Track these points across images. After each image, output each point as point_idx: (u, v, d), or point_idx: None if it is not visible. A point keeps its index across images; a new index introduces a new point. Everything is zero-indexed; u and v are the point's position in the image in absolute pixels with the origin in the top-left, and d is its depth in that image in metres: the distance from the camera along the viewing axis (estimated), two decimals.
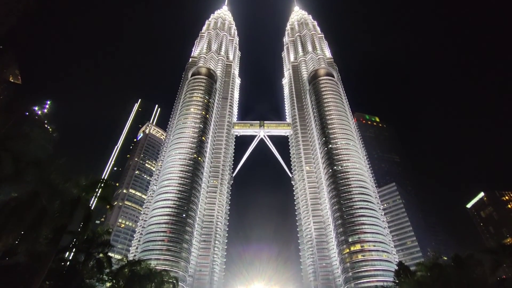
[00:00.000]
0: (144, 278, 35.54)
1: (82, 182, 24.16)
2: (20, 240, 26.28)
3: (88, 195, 24.26)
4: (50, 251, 21.32)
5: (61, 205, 22.54)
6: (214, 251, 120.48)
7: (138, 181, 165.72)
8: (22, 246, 26.42)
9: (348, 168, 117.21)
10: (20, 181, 22.05)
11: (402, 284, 42.36)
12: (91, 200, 25.79)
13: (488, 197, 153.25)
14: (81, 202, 23.25)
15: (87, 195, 24.19)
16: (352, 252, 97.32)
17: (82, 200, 23.43)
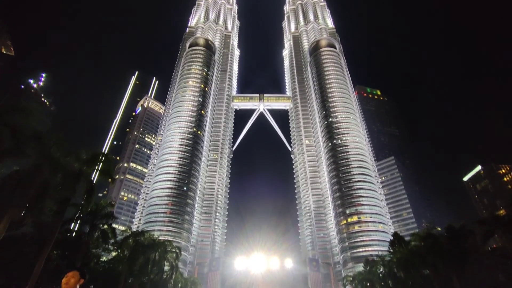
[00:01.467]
0: (148, 248, 36.79)
1: (83, 156, 24.17)
2: (25, 212, 26.94)
3: (89, 168, 24.38)
4: (56, 222, 21.83)
5: (63, 178, 22.72)
6: (215, 223, 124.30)
7: (138, 155, 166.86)
8: (28, 218, 27.12)
9: (347, 142, 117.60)
10: (21, 155, 22.07)
11: (396, 253, 44.01)
12: (92, 174, 25.99)
13: (484, 170, 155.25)
14: (83, 175, 23.42)
15: (89, 168, 24.31)
16: (349, 223, 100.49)
17: (84, 173, 23.59)
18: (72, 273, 3.20)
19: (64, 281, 3.14)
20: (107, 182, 26.77)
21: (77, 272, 3.21)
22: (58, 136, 23.27)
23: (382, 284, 45.18)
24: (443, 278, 33.23)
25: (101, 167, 25.45)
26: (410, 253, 38.56)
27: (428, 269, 36.08)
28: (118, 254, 37.51)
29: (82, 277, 3.23)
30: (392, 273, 42.97)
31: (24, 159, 22.99)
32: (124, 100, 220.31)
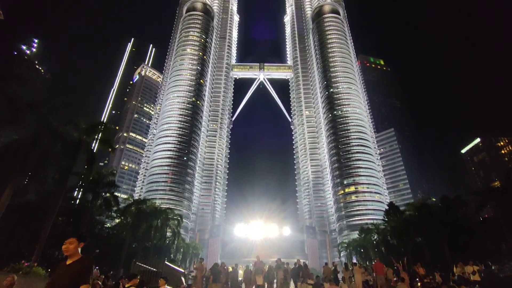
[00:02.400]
0: (150, 215, 37.87)
1: (82, 125, 23.96)
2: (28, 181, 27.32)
3: (89, 138, 24.27)
4: (59, 190, 22.17)
5: (63, 147, 22.70)
6: (215, 192, 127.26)
7: (137, 125, 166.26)
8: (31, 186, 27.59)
9: (348, 113, 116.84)
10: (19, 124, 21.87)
11: (390, 222, 45.51)
12: (92, 143, 25.94)
13: (483, 143, 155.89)
14: (83, 144, 23.38)
15: (88, 138, 24.20)
16: (346, 193, 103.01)
17: (84, 143, 23.53)
18: (70, 239, 3.28)
19: (64, 247, 3.25)
20: (108, 151, 26.81)
21: (74, 238, 3.29)
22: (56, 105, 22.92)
23: (375, 251, 47.27)
24: (434, 245, 34.69)
25: (100, 137, 25.33)
26: (404, 222, 39.84)
27: (420, 237, 37.55)
28: (121, 221, 38.71)
29: (81, 241, 3.31)
30: (386, 241, 44.83)
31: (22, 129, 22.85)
32: (120, 68, 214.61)
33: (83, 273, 3.13)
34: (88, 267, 3.21)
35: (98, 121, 29.35)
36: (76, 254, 3.27)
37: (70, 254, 3.24)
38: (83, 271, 3.14)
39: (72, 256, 3.25)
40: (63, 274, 3.10)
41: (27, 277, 12.75)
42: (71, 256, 3.25)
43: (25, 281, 12.36)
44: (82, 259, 3.26)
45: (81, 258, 3.26)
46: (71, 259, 3.24)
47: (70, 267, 3.15)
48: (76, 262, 3.20)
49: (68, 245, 3.25)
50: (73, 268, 3.13)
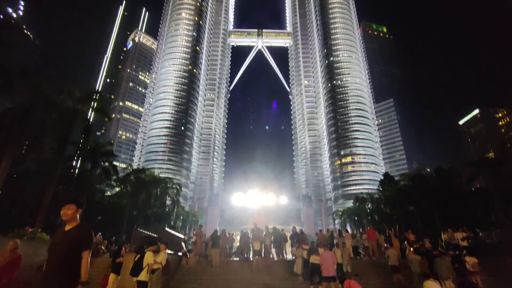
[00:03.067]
0: (150, 184, 38.54)
1: (76, 94, 23.44)
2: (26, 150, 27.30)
3: (84, 107, 23.85)
4: (57, 159, 22.22)
5: (59, 116, 22.40)
6: (213, 162, 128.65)
7: (133, 94, 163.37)
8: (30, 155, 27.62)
9: (347, 83, 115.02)
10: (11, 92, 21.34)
11: (384, 191, 46.81)
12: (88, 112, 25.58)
13: (481, 114, 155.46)
14: (78, 114, 23.05)
15: (84, 107, 23.78)
16: (343, 164, 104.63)
17: (80, 112, 23.17)
18: (68, 205, 3.32)
19: (63, 212, 3.29)
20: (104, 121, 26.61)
21: (72, 204, 3.33)
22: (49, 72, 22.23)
23: (368, 218, 49.10)
24: (426, 214, 35.98)
25: (96, 106, 24.89)
26: (398, 191, 41.00)
27: (413, 206, 38.83)
28: (121, 189, 39.42)
29: (79, 207, 3.37)
30: (379, 209, 46.41)
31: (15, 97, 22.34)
32: (113, 34, 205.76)
33: (84, 239, 3.17)
34: (87, 233, 3.25)
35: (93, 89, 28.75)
36: (74, 220, 3.30)
37: (68, 219, 3.27)
38: (83, 237, 3.18)
39: (70, 222, 3.28)
40: (62, 239, 3.13)
41: (31, 242, 13.12)
42: (69, 222, 3.28)
43: (30, 246, 12.74)
44: (81, 225, 3.29)
45: (80, 224, 3.29)
46: (70, 225, 3.27)
47: (68, 233, 3.18)
48: (75, 228, 3.23)
49: (67, 211, 3.28)
50: (72, 234, 3.16)
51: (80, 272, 3.06)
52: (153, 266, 7.27)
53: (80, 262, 3.07)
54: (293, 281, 13.05)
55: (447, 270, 10.11)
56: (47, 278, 2.96)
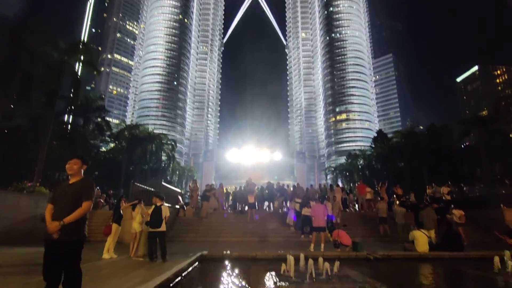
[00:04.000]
0: (144, 140, 38.55)
1: (61, 45, 22.14)
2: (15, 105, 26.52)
3: (71, 59, 22.69)
4: (48, 114, 21.75)
5: (45, 69, 21.47)
6: (208, 118, 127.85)
7: (121, 45, 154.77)
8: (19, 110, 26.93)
9: (346, 36, 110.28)
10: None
11: (377, 148, 47.79)
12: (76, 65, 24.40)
13: (480, 71, 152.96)
14: (65, 66, 22.01)
15: (70, 59, 22.63)
16: (338, 121, 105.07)
17: (66, 64, 22.10)
18: (74, 160, 3.36)
19: (68, 166, 3.33)
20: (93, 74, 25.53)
21: (78, 159, 3.38)
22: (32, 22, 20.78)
23: (360, 174, 50.84)
24: (414, 170, 37.30)
25: (83, 58, 23.70)
26: (390, 148, 41.90)
27: (403, 162, 40.03)
28: (116, 145, 39.48)
29: (84, 163, 3.43)
30: (370, 165, 47.87)
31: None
32: None
33: (85, 190, 3.25)
34: (89, 185, 3.33)
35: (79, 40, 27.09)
36: (78, 174, 3.37)
37: (73, 173, 3.34)
38: (85, 189, 3.26)
39: (74, 176, 3.35)
40: (66, 192, 3.22)
41: (32, 195, 13.42)
42: (73, 176, 3.35)
43: (30, 199, 13.06)
44: (84, 179, 3.38)
45: (83, 178, 3.38)
46: (74, 178, 3.34)
47: (72, 185, 3.28)
48: (79, 181, 3.32)
49: (72, 165, 3.33)
50: (76, 187, 3.26)
51: (85, 222, 3.21)
52: (147, 218, 7.76)
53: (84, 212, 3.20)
54: (285, 230, 13.88)
55: (431, 221, 10.78)
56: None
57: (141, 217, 8.43)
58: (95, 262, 7.27)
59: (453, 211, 12.92)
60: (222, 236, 13.18)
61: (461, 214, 12.50)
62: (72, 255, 3.08)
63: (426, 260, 8.45)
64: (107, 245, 8.13)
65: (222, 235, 13.32)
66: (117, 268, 6.60)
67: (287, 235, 13.48)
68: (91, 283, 4.87)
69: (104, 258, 7.85)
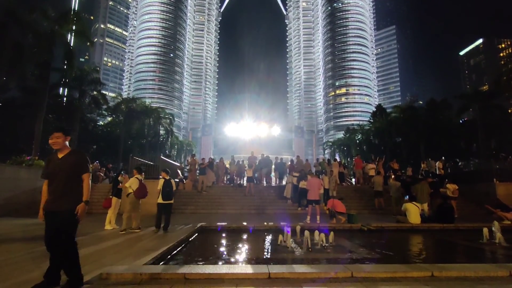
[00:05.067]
0: (142, 114, 38.21)
1: (50, 13, 21.23)
2: (7, 77, 25.88)
3: (62, 29, 21.82)
4: (42, 86, 21.32)
5: (36, 39, 20.74)
6: (206, 91, 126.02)
7: (114, 14, 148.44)
8: (12, 81, 26.33)
9: (349, 6, 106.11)
10: None
11: (375, 123, 47.74)
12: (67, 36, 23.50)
13: (484, 44, 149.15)
14: (57, 36, 21.24)
15: (61, 29, 21.76)
16: (337, 95, 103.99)
17: (58, 34, 21.30)
18: (55, 134, 3.27)
19: (52, 142, 3.26)
20: (86, 45, 24.68)
21: (59, 132, 3.29)
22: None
23: (357, 149, 51.15)
24: (412, 145, 37.57)
25: (75, 28, 22.80)
26: (388, 123, 41.86)
27: (401, 137, 40.20)
28: (113, 119, 39.16)
29: (66, 134, 3.35)
30: (368, 140, 48.07)
31: None
32: None
33: (80, 163, 3.26)
34: (83, 157, 3.32)
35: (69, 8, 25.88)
36: (65, 147, 3.33)
37: (59, 147, 3.30)
38: (80, 161, 3.26)
39: (62, 150, 3.31)
40: (60, 166, 3.20)
41: (31, 168, 13.53)
42: (61, 150, 3.31)
43: (30, 172, 13.20)
44: (74, 151, 3.34)
45: (73, 151, 3.34)
46: (62, 152, 3.30)
47: (64, 160, 3.24)
48: (68, 154, 3.28)
49: (56, 139, 3.26)
50: (69, 160, 3.23)
51: (83, 193, 3.24)
52: (128, 190, 8.03)
53: (81, 185, 3.23)
54: (282, 203, 14.24)
55: (425, 195, 11.04)
56: (57, 199, 3.14)
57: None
58: (99, 233, 7.51)
59: (446, 185, 13.20)
60: (221, 208, 13.52)
61: (454, 188, 12.80)
62: (71, 224, 3.14)
63: (417, 231, 8.75)
64: (108, 217, 8.36)
65: (221, 207, 13.65)
66: (124, 239, 6.81)
67: (285, 207, 13.84)
68: (101, 253, 5.06)
69: (106, 229, 8.09)
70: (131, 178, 8.24)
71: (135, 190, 7.89)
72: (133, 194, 7.91)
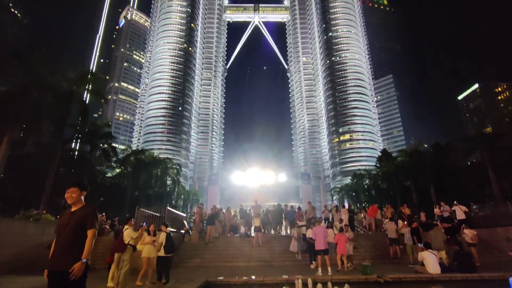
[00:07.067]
0: (150, 165, 38.79)
1: (70, 75, 23.08)
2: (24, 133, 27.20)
3: (79, 88, 23.54)
4: (56, 142, 22.24)
5: (55, 99, 22.18)
6: (212, 141, 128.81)
7: (128, 74, 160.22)
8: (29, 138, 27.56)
9: (346, 59, 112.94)
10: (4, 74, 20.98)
11: (382, 168, 47.26)
12: (84, 94, 25.28)
13: (481, 89, 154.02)
14: (74, 95, 22.79)
15: (79, 88, 23.48)
16: (341, 141, 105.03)
17: (75, 93, 22.90)
18: (72, 189, 3.37)
19: (67, 196, 3.35)
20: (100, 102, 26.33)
21: (75, 187, 3.38)
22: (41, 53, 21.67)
23: (366, 194, 50.05)
24: (421, 189, 36.69)
25: (91, 87, 24.55)
26: (395, 167, 41.45)
27: (409, 181, 39.46)
28: (122, 170, 39.71)
29: (82, 190, 3.42)
30: (376, 185, 47.16)
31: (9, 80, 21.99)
32: (104, 11, 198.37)
33: (88, 218, 3.25)
34: (92, 212, 3.31)
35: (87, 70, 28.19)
36: (79, 202, 3.38)
37: (73, 202, 3.36)
38: (88, 216, 3.25)
39: (76, 204, 3.37)
40: (69, 220, 3.22)
41: (38, 223, 13.45)
42: (75, 204, 3.37)
43: (37, 227, 13.10)
44: (86, 206, 3.38)
45: (85, 206, 3.38)
46: (75, 206, 3.36)
47: (74, 213, 3.28)
48: (80, 209, 3.33)
49: (71, 194, 3.34)
50: (78, 215, 3.25)
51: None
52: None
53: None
54: (292, 255, 13.58)
55: (441, 242, 10.53)
56: (58, 257, 3.09)
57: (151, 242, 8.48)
58: None
59: (464, 230, 12.61)
60: (229, 261, 12.95)
61: (473, 234, 12.18)
62: (76, 285, 3.00)
63: (438, 282, 8.20)
64: (111, 273, 8.01)
65: (228, 260, 13.08)
66: None
67: (295, 259, 13.18)
68: None
69: (108, 286, 7.75)
70: (161, 233, 8.27)
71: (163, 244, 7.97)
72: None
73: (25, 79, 20.98)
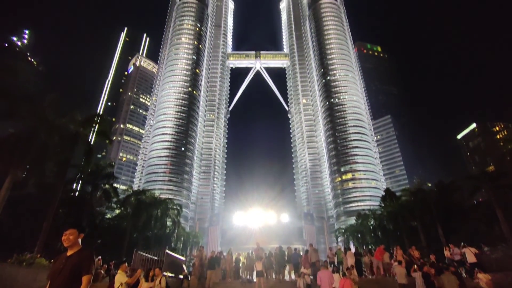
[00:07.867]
0: (150, 205, 38.15)
1: (78, 118, 23.92)
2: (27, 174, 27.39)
3: (86, 130, 24.25)
4: (58, 183, 22.29)
5: (61, 140, 22.71)
6: (214, 181, 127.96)
7: (134, 116, 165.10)
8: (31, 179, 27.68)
9: (345, 101, 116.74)
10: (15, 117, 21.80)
11: (386, 207, 46.22)
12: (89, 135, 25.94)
13: (479, 128, 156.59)
14: (80, 137, 23.38)
15: (85, 130, 24.18)
16: (344, 180, 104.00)
17: (81, 135, 23.52)
18: (70, 230, 3.32)
19: (64, 238, 3.28)
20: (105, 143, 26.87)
21: (73, 229, 3.34)
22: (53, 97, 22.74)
23: (372, 235, 48.20)
24: (428, 229, 35.47)
25: (97, 129, 25.30)
26: (400, 206, 40.53)
27: (415, 221, 38.32)
28: (121, 211, 39.04)
29: (80, 232, 3.37)
30: (382, 225, 45.64)
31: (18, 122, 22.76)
32: (114, 59, 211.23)
33: (84, 263, 3.15)
34: (88, 257, 3.21)
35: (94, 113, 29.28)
36: (76, 245, 3.31)
37: (70, 245, 3.28)
38: (84, 261, 3.16)
39: (72, 247, 3.28)
40: (64, 265, 3.13)
41: (31, 267, 13.00)
42: (71, 247, 3.28)
43: (29, 272, 12.62)
44: (82, 250, 3.29)
45: (81, 249, 3.29)
46: (72, 250, 3.27)
47: (70, 258, 3.19)
48: (76, 253, 3.23)
49: (68, 236, 3.28)
50: (74, 260, 3.16)
51: None
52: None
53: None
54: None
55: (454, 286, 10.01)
56: None
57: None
58: None
59: (478, 275, 12.00)
60: None
61: (488, 278, 11.56)
62: None
63: None
64: None
65: None
66: None
67: None
68: None
69: None
70: (162, 277, 8.02)
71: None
72: None
73: (35, 122, 21.72)
